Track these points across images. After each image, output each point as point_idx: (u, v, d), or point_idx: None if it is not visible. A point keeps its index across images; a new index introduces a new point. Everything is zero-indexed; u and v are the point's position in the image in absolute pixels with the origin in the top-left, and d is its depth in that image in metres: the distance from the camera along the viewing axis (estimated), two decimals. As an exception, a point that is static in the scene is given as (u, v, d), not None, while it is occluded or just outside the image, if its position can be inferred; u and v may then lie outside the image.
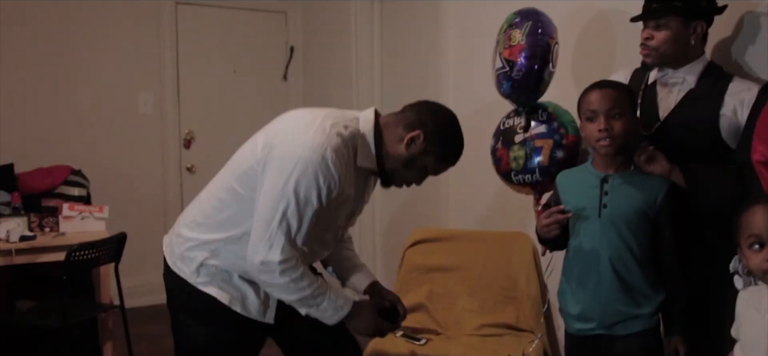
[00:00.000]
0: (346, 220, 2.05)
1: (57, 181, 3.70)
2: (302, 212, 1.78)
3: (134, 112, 4.70)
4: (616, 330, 1.93)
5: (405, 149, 1.89)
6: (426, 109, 1.94)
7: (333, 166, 1.77)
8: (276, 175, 1.78)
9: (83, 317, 3.22)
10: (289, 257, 1.79)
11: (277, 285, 1.82)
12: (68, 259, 2.92)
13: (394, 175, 1.96)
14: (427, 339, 2.88)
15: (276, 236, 1.77)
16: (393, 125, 1.93)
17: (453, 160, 1.97)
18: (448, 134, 1.92)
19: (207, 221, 1.94)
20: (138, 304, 4.39)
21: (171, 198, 4.87)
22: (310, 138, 1.78)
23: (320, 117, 1.85)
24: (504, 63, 2.36)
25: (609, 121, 1.87)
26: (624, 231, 1.89)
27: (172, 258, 1.99)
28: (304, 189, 1.76)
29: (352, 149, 1.88)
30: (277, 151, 1.80)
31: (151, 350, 3.66)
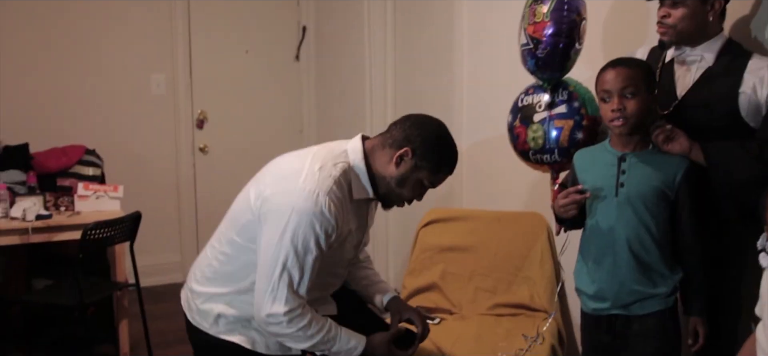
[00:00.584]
0: (355, 251, 2.06)
1: (72, 161, 3.72)
2: (302, 262, 1.78)
3: (147, 92, 4.71)
4: (632, 309, 1.93)
5: (395, 169, 1.88)
6: (411, 124, 1.90)
7: (327, 211, 1.77)
8: (272, 229, 1.79)
9: (99, 295, 3.24)
10: (294, 307, 1.80)
11: (286, 335, 1.84)
12: (84, 238, 2.94)
13: (391, 197, 1.95)
14: (441, 319, 2.88)
15: (279, 288, 1.78)
16: (380, 147, 1.91)
17: (447, 170, 1.94)
18: (436, 145, 1.89)
19: (216, 276, 1.96)
20: (151, 283, 4.43)
21: (184, 178, 4.88)
22: (301, 186, 1.78)
23: (308, 161, 1.85)
24: (528, 39, 2.30)
25: (622, 100, 1.85)
26: (641, 211, 1.87)
27: (190, 313, 2.02)
28: (301, 239, 1.76)
29: (346, 184, 1.87)
30: (270, 204, 1.81)
31: (165, 328, 3.69)
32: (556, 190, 2.33)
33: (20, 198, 3.31)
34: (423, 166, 1.87)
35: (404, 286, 3.15)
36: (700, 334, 1.88)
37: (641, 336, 1.92)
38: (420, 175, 1.89)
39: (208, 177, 4.96)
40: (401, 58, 4.25)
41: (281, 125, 5.24)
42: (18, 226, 3.14)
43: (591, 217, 1.96)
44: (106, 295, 3.46)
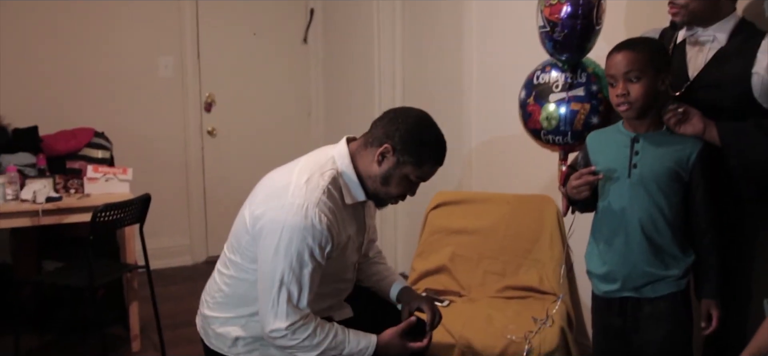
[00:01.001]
0: (358, 253, 2.05)
1: (81, 143, 3.73)
2: (299, 276, 1.78)
3: (155, 75, 4.71)
4: (643, 292, 1.92)
5: (378, 167, 1.86)
6: (390, 119, 1.87)
7: (319, 223, 1.76)
8: (266, 247, 1.80)
9: (109, 277, 3.26)
10: (295, 320, 1.80)
11: (292, 347, 1.85)
12: (94, 220, 2.94)
13: (379, 195, 1.92)
14: (450, 301, 2.88)
15: (279, 304, 1.79)
16: (363, 147, 1.89)
17: (432, 162, 1.88)
18: (417, 138, 1.84)
19: (227, 300, 1.97)
20: (160, 266, 4.45)
21: (192, 161, 4.89)
22: (290, 201, 1.77)
23: (295, 174, 1.83)
24: (545, 22, 2.25)
25: (626, 85, 1.84)
26: (654, 192, 1.86)
27: (207, 338, 2.03)
28: (295, 255, 1.76)
29: (337, 192, 1.85)
30: (262, 223, 1.81)
31: (175, 309, 3.72)
32: (564, 171, 2.31)
33: (30, 180, 3.32)
34: (406, 161, 1.84)
35: (413, 269, 3.16)
36: (714, 317, 1.87)
37: (653, 319, 1.92)
38: (404, 170, 1.85)
39: (216, 160, 4.97)
40: (410, 39, 4.23)
41: (289, 108, 5.24)
42: (28, 208, 3.15)
43: (603, 199, 1.95)
44: (116, 277, 3.48)
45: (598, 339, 2.07)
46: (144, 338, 3.47)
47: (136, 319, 3.39)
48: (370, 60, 4.40)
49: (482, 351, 2.51)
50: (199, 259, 4.93)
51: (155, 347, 3.39)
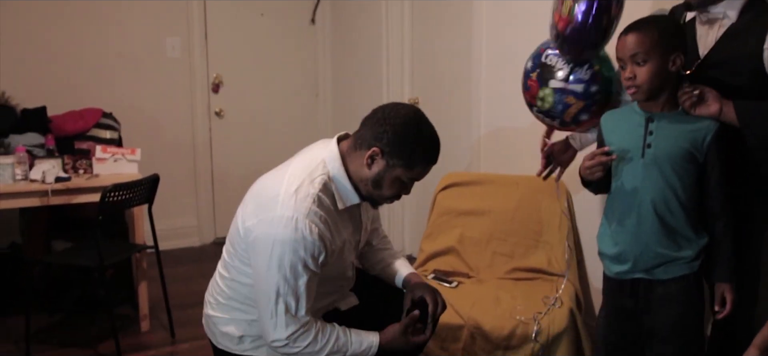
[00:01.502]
0: (356, 250, 2.02)
1: (89, 124, 3.72)
2: (294, 287, 1.76)
3: (162, 56, 4.70)
4: (655, 273, 1.90)
5: (368, 170, 1.80)
6: (378, 120, 1.79)
7: (309, 234, 1.72)
8: (259, 260, 1.78)
9: (118, 257, 3.27)
10: (295, 329, 1.80)
11: (295, 353, 1.84)
12: (103, 200, 2.95)
13: (373, 197, 1.88)
14: (459, 282, 2.88)
15: (277, 316, 1.78)
16: (353, 149, 1.83)
17: (424, 163, 1.81)
18: (406, 141, 1.76)
19: (228, 301, 1.96)
20: (168, 247, 4.46)
21: (200, 142, 4.89)
22: (280, 214, 1.73)
23: (284, 183, 1.78)
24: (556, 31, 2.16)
25: (633, 68, 1.81)
26: (668, 172, 1.84)
27: (213, 337, 2.03)
28: (288, 267, 1.74)
29: (329, 197, 1.81)
30: (253, 236, 1.79)
31: (183, 290, 3.73)
32: (547, 142, 2.39)
33: (39, 160, 3.32)
34: (396, 164, 1.78)
35: (421, 250, 3.15)
36: (728, 301, 1.85)
37: (664, 301, 1.90)
38: (395, 172, 1.80)
39: (224, 141, 4.96)
40: (419, 20, 4.20)
41: (297, 89, 5.22)
42: (38, 188, 3.15)
43: (616, 179, 1.93)
44: (125, 257, 3.49)
45: (610, 320, 2.06)
46: (153, 318, 3.49)
47: (145, 299, 3.40)
48: (378, 40, 4.37)
49: (491, 332, 2.51)
50: (207, 240, 4.95)
51: (164, 327, 3.41)
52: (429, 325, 1.99)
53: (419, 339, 1.97)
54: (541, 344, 2.46)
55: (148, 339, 3.35)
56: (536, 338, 2.46)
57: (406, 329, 1.95)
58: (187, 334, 3.32)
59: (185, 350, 3.22)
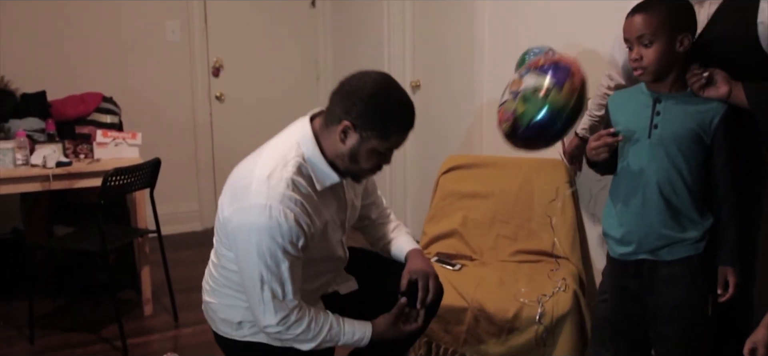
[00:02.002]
0: (343, 229, 1.98)
1: (89, 108, 3.71)
2: (277, 274, 1.74)
3: (162, 39, 4.67)
4: (660, 254, 1.90)
5: (343, 146, 1.75)
6: (346, 93, 1.73)
7: (285, 220, 1.68)
8: (240, 250, 1.76)
9: (120, 242, 3.26)
10: (285, 315, 1.78)
11: (289, 339, 1.83)
12: (104, 185, 2.94)
13: (351, 172, 1.83)
14: (462, 265, 2.87)
15: (265, 303, 1.76)
16: (325, 126, 1.78)
17: (399, 131, 1.74)
18: (377, 110, 1.70)
19: (221, 288, 1.95)
20: (170, 232, 4.46)
21: (201, 126, 4.87)
22: (252, 202, 1.70)
23: (257, 169, 1.75)
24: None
25: (640, 49, 1.80)
26: (674, 153, 1.82)
27: (213, 324, 2.02)
28: (267, 254, 1.71)
29: (306, 179, 1.76)
30: (230, 226, 1.77)
31: (186, 274, 3.72)
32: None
33: (39, 145, 3.31)
34: (369, 135, 1.72)
35: (424, 233, 3.15)
36: (731, 284, 1.84)
37: (668, 282, 1.90)
38: (370, 144, 1.73)
39: (224, 125, 4.95)
40: (420, 2, 4.17)
41: (298, 73, 5.20)
42: (39, 173, 3.14)
43: (622, 159, 1.92)
44: (127, 242, 3.48)
45: (614, 301, 2.05)
46: (155, 302, 3.49)
47: (148, 284, 3.40)
48: (379, 23, 4.34)
49: (495, 314, 2.51)
50: (209, 225, 4.93)
51: (167, 311, 3.41)
52: (420, 313, 1.97)
53: (410, 328, 1.97)
54: (545, 326, 2.46)
55: (151, 323, 3.36)
56: (540, 320, 2.46)
57: (397, 319, 1.95)
58: (190, 318, 3.32)
59: (189, 334, 3.23)
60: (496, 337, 2.51)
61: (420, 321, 1.98)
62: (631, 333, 2.04)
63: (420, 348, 2.61)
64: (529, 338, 2.48)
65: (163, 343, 3.15)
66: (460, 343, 2.55)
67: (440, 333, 2.57)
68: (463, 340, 2.55)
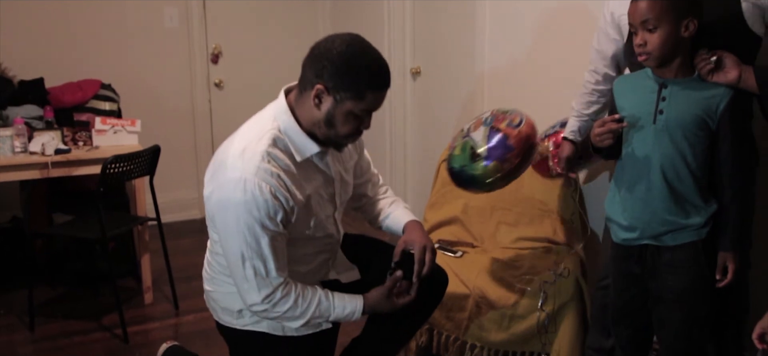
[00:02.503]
0: (333, 204, 1.93)
1: (88, 95, 3.68)
2: (258, 250, 1.71)
3: (160, 26, 4.64)
4: (663, 240, 1.88)
5: (318, 111, 1.71)
6: (316, 56, 1.70)
7: (260, 193, 1.66)
8: (220, 227, 1.75)
9: (120, 229, 3.25)
10: (270, 292, 1.76)
11: (277, 317, 1.81)
12: (104, 172, 2.92)
13: (331, 140, 1.78)
14: (463, 252, 2.86)
15: (248, 280, 1.74)
16: (299, 95, 1.76)
17: (374, 89, 1.70)
18: (349, 71, 1.67)
19: (217, 275, 1.93)
20: (169, 220, 4.44)
21: (200, 114, 4.85)
22: (228, 177, 1.69)
23: (232, 147, 1.73)
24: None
25: (644, 34, 1.77)
26: (679, 139, 1.80)
27: (215, 314, 2.00)
28: (246, 229, 1.68)
29: (283, 151, 1.74)
30: (210, 205, 1.75)
31: (186, 262, 3.72)
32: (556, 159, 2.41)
33: (38, 133, 3.29)
34: (344, 97, 1.68)
35: (425, 219, 3.13)
36: (730, 269, 1.83)
37: (671, 267, 1.89)
38: (345, 107, 1.69)
39: (224, 113, 4.92)
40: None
41: (297, 59, 5.00)
42: (37, 161, 3.12)
43: (627, 145, 1.90)
44: (127, 230, 3.47)
45: (617, 286, 2.04)
46: (156, 290, 3.48)
47: (148, 272, 3.39)
48: (379, 9, 4.31)
49: (497, 301, 2.50)
50: (209, 212, 4.92)
51: (168, 299, 3.41)
52: (414, 285, 1.92)
53: (404, 301, 1.91)
54: (547, 313, 2.45)
55: (151, 311, 3.35)
56: (542, 307, 2.45)
57: (390, 292, 1.90)
58: (190, 306, 3.32)
59: (189, 321, 3.22)
60: (498, 324, 2.51)
61: (413, 294, 1.92)
62: (633, 318, 2.03)
63: (421, 335, 2.60)
64: (531, 325, 2.47)
65: (163, 331, 3.14)
66: (461, 330, 2.55)
67: (442, 321, 2.56)
68: (465, 327, 2.54)
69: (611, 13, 2.20)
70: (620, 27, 2.18)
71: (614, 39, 2.21)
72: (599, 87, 2.31)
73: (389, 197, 2.18)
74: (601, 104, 2.34)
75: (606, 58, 2.26)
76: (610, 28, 2.21)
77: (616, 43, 2.22)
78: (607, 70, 2.27)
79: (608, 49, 2.24)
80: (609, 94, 2.31)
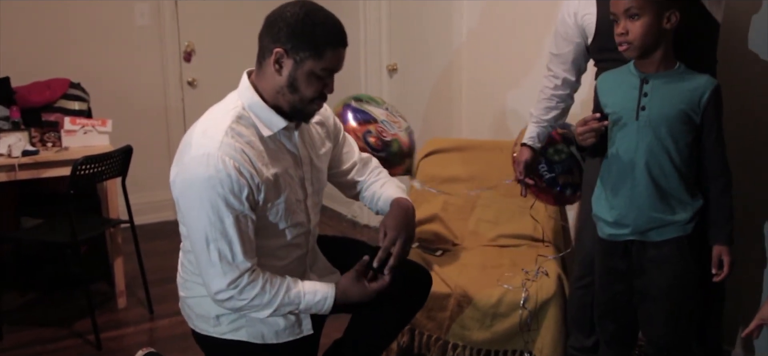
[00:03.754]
0: (305, 189, 1.86)
1: (56, 94, 3.59)
2: (222, 230, 1.65)
3: (131, 23, 4.54)
4: (649, 236, 1.87)
5: (279, 77, 1.70)
6: (269, 23, 1.71)
7: (224, 167, 1.62)
8: (184, 210, 1.70)
9: (92, 232, 3.17)
10: (235, 277, 1.69)
11: (243, 308, 1.74)
12: (74, 174, 2.84)
13: (296, 107, 1.74)
14: (444, 250, 2.84)
15: (213, 265, 1.68)
16: (259, 68, 1.75)
17: (332, 46, 1.69)
18: (304, 29, 1.66)
19: (191, 277, 1.86)
20: (142, 222, 4.34)
21: (173, 113, 4.76)
22: (192, 156, 1.65)
23: (196, 129, 1.71)
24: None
25: (626, 23, 1.75)
26: (663, 134, 1.79)
27: (191, 321, 1.93)
28: (209, 207, 1.64)
29: (249, 128, 1.71)
30: (175, 187, 1.71)
31: (160, 265, 3.64)
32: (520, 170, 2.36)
33: (4, 134, 3.18)
34: (303, 57, 1.67)
35: (405, 218, 3.09)
36: (725, 263, 1.83)
37: (657, 263, 1.88)
38: (306, 67, 1.68)
39: (198, 112, 4.69)
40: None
41: (271, 57, 5.08)
42: (4, 163, 3.02)
43: (611, 142, 1.88)
44: (99, 233, 3.38)
45: (602, 282, 2.03)
46: (130, 294, 3.40)
47: (121, 276, 3.31)
48: (354, 4, 4.26)
49: (479, 300, 2.48)
50: (183, 213, 4.83)
51: (142, 303, 3.33)
52: (386, 270, 1.83)
53: (377, 286, 1.83)
54: (530, 311, 2.44)
55: (125, 315, 3.28)
56: (524, 305, 2.44)
57: (359, 274, 1.83)
58: (165, 310, 3.24)
59: (165, 326, 3.15)
60: (480, 323, 2.49)
61: (387, 279, 1.83)
62: (619, 313, 2.02)
63: (403, 336, 2.56)
64: (513, 323, 2.45)
65: (137, 336, 3.07)
66: (443, 330, 2.52)
67: (424, 321, 2.53)
68: (447, 327, 2.51)
69: (574, 14, 2.17)
70: (584, 28, 2.16)
71: (575, 42, 2.20)
72: (558, 92, 2.29)
73: (381, 178, 2.11)
74: (560, 109, 2.32)
75: (566, 62, 2.24)
76: (571, 30, 2.19)
77: (577, 45, 2.20)
78: (567, 75, 2.25)
79: (568, 52, 2.22)
80: (569, 99, 2.31)
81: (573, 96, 2.31)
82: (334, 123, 2.05)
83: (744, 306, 2.41)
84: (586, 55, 2.22)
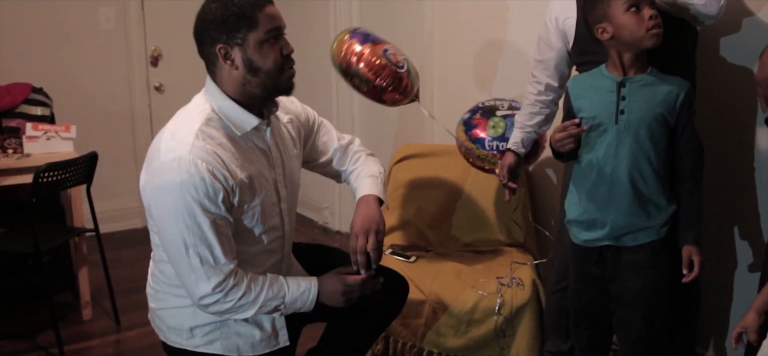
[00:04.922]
0: (277, 192, 1.83)
1: (17, 100, 3.48)
2: (201, 235, 1.62)
3: (96, 27, 4.44)
4: (624, 241, 1.87)
5: (237, 70, 1.68)
6: (199, 31, 1.70)
7: (196, 171, 1.58)
8: (158, 218, 1.66)
9: (55, 241, 3.07)
10: (220, 280, 1.65)
11: (229, 310, 1.70)
12: (36, 181, 2.75)
13: (268, 85, 1.71)
14: (417, 256, 2.81)
15: (194, 270, 1.64)
16: (215, 75, 1.73)
17: (259, 7, 1.67)
18: (226, 12, 1.65)
19: (163, 287, 1.81)
20: (109, 230, 4.24)
21: (139, 119, 4.66)
22: (159, 164, 1.62)
23: (164, 134, 1.68)
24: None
25: (649, 9, 1.71)
26: (642, 139, 1.78)
27: (162, 334, 1.87)
28: (185, 212, 1.60)
29: (220, 130, 1.68)
30: (146, 195, 1.67)
31: (127, 274, 3.55)
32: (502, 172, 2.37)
33: (-37, 140, 3.08)
34: (243, 36, 1.65)
35: (378, 224, 3.07)
36: (696, 263, 1.83)
37: (632, 267, 1.88)
38: (251, 42, 1.66)
39: (165, 118, 4.58)
40: None
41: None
42: (-38, 171, 2.93)
43: (587, 147, 1.86)
44: (63, 242, 3.28)
45: (577, 287, 2.03)
46: (95, 305, 3.31)
47: (86, 286, 3.22)
48: (325, 4, 4.23)
49: (453, 306, 2.47)
50: (150, 221, 4.73)
51: (108, 314, 3.24)
52: (358, 265, 1.81)
53: (354, 279, 1.80)
54: (505, 316, 2.43)
55: (91, 327, 3.18)
56: (500, 311, 2.43)
57: (340, 273, 1.82)
58: (132, 321, 3.16)
59: (132, 337, 3.07)
60: (455, 329, 2.47)
61: (363, 274, 1.81)
62: (593, 319, 2.01)
63: (377, 344, 2.53)
64: (488, 329, 2.44)
65: (103, 349, 2.99)
66: (418, 337, 2.50)
67: (398, 328, 2.50)
68: (422, 334, 2.49)
69: (555, 19, 2.18)
70: (565, 32, 2.17)
71: (557, 47, 2.20)
72: (541, 98, 2.29)
73: (358, 167, 2.06)
74: (544, 115, 2.32)
75: (548, 68, 2.25)
76: (553, 35, 2.20)
77: (559, 51, 2.21)
78: (550, 81, 2.26)
79: (551, 58, 2.23)
80: (552, 105, 2.31)
81: (557, 102, 2.30)
82: (307, 114, 2.02)
83: (716, 310, 2.44)
84: (569, 61, 2.23)
